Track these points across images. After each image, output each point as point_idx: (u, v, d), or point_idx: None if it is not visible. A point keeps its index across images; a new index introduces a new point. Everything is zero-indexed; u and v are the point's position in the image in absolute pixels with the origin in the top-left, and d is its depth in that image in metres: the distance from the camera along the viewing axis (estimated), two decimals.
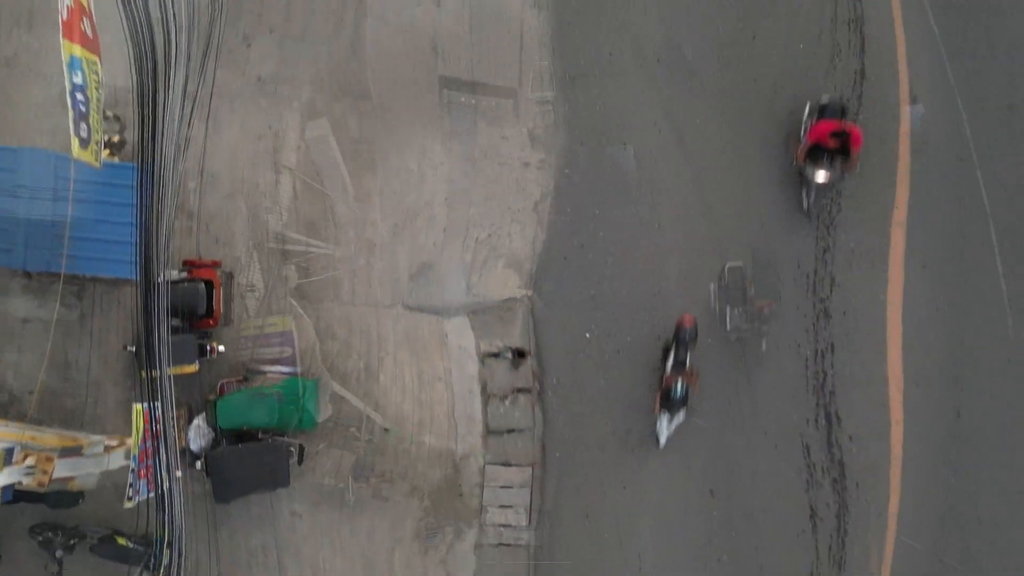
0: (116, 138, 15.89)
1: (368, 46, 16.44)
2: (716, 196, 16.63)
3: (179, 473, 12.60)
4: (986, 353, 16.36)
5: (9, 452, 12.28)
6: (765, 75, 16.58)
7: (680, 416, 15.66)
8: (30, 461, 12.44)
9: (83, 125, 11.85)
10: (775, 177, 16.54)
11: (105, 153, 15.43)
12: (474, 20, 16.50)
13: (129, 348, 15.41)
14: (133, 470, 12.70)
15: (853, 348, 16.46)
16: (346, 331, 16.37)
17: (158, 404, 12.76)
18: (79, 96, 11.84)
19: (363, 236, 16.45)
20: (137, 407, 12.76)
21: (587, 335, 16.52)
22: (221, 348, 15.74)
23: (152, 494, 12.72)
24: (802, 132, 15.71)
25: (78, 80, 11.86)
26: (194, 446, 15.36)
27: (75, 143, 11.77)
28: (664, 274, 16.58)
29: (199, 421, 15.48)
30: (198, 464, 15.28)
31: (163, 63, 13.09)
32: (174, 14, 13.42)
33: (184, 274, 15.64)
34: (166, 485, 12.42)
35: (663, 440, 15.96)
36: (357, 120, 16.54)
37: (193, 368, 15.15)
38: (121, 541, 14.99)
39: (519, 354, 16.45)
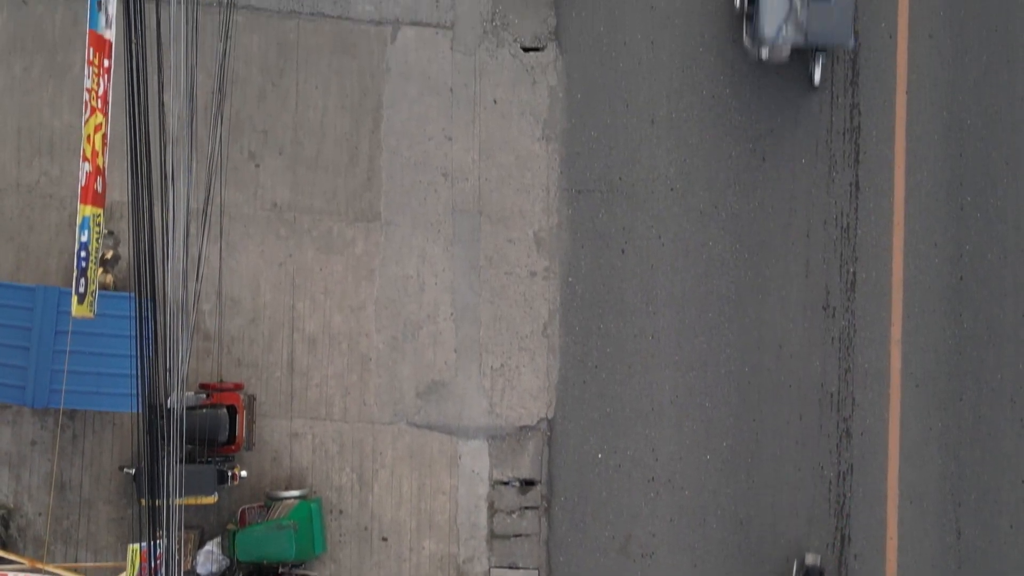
0: (109, 254, 16.35)
1: (383, 178, 16.82)
2: (718, 314, 16.82)
3: None
4: (987, 471, 16.51)
5: None
6: (777, 201, 16.79)
7: None
8: None
9: (82, 280, 12.26)
10: (794, 320, 16.85)
11: (98, 272, 15.87)
12: (483, 151, 16.83)
13: (127, 471, 15.77)
14: None
15: (867, 468, 16.59)
16: (338, 446, 16.69)
17: (160, 540, 12.88)
18: (83, 253, 12.26)
19: (357, 350, 16.76)
20: (133, 547, 12.98)
21: (599, 455, 16.74)
22: (243, 474, 15.90)
23: None
24: None
25: (84, 238, 12.29)
26: (202, 570, 15.65)
27: (74, 300, 12.18)
28: (660, 387, 16.78)
29: (212, 547, 15.76)
30: None
31: (159, 178, 13.28)
32: (171, 124, 13.87)
33: (202, 397, 15.98)
34: None
35: None
36: (364, 239, 16.90)
37: (211, 499, 15.39)
38: None
39: (528, 483, 16.73)
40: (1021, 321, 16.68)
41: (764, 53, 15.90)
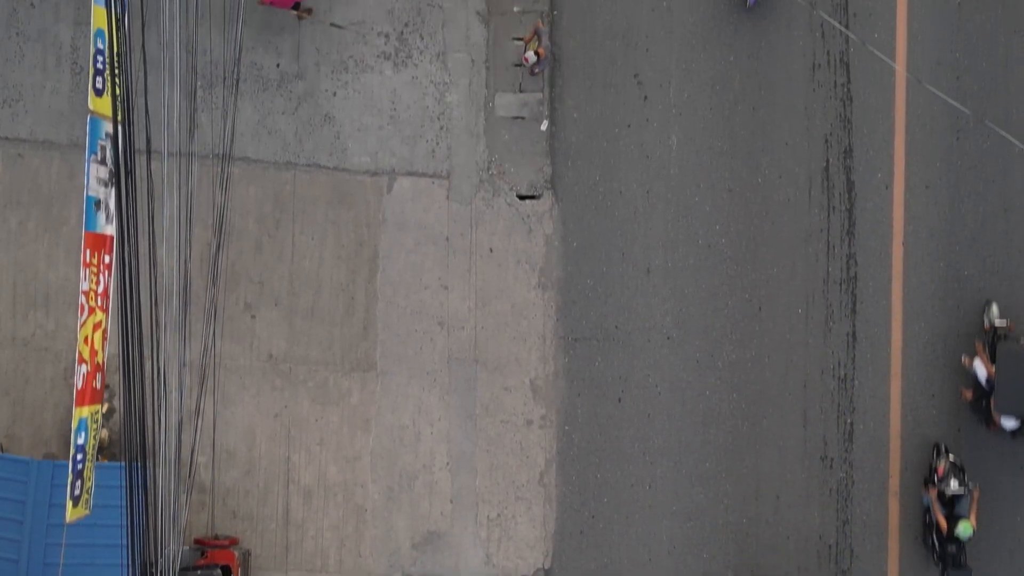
0: (105, 407, 16.27)
1: (379, 327, 16.79)
2: (716, 465, 16.75)
3: None
4: None
5: None
6: (774, 351, 16.75)
7: None
8: None
9: (78, 483, 12.18)
10: (792, 471, 16.74)
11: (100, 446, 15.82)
12: (480, 300, 16.80)
13: None
14: None
15: None
16: None
17: None
18: (79, 456, 12.17)
19: (352, 501, 16.67)
20: None
21: None
22: None
23: None
24: None
25: (81, 440, 12.19)
26: None
27: (68, 505, 12.09)
28: (658, 537, 16.70)
29: None
30: None
31: (151, 334, 13.18)
32: (165, 277, 13.83)
33: (197, 555, 15.90)
34: None
35: None
36: (360, 389, 16.86)
37: None
38: None
39: None
40: (1019, 472, 16.59)
41: None
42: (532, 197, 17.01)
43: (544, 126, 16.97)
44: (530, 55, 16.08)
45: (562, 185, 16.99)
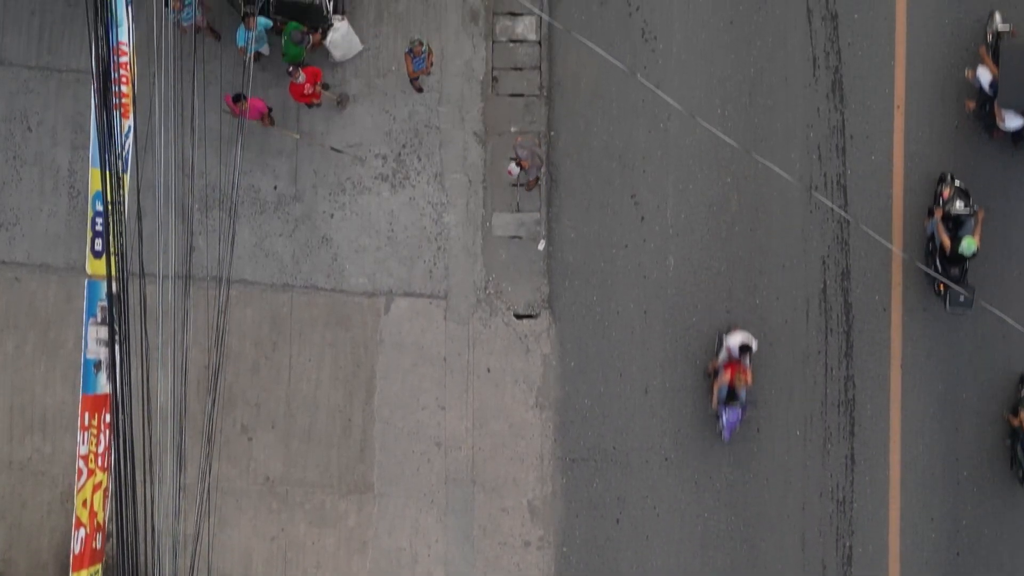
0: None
1: (377, 449, 16.74)
2: None
3: None
4: None
5: None
6: (773, 473, 16.72)
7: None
8: None
9: None
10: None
11: None
12: (477, 420, 16.78)
13: None
14: None
15: None
16: None
17: None
18: None
19: None
20: None
21: None
22: None
23: None
24: None
25: None
26: None
27: None
28: None
29: None
30: None
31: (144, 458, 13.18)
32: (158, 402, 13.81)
33: None
34: None
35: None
36: (357, 511, 16.81)
37: None
38: None
39: None
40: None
41: None
42: (529, 317, 17.00)
43: (541, 246, 16.97)
44: (512, 167, 15.90)
45: (559, 305, 16.98)
